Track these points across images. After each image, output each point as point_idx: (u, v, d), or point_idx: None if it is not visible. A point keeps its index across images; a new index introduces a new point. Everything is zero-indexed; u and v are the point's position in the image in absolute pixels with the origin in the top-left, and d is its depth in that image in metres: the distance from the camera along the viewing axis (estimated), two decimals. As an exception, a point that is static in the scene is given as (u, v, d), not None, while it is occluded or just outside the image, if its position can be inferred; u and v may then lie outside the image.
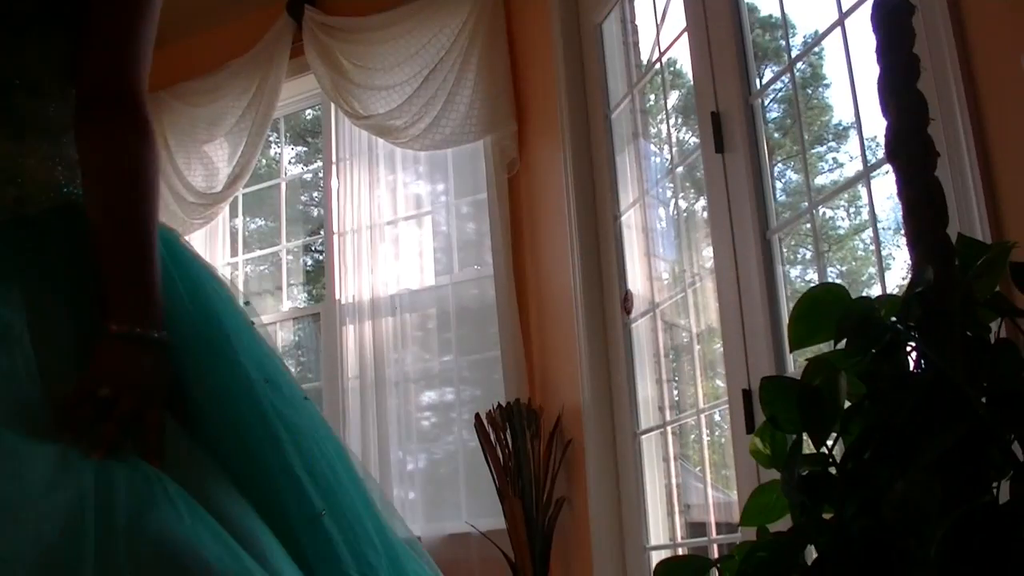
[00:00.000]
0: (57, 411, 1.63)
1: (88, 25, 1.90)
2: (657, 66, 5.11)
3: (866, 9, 1.97)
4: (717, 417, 5.10)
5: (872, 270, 10.64)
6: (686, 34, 4.58)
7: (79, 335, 1.76)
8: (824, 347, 1.92)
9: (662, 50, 5.00)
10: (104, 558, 1.43)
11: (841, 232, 11.66)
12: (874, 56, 1.93)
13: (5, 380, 1.61)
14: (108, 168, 1.84)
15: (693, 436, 5.58)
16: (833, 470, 1.76)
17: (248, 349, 1.90)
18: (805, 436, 1.79)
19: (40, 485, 1.48)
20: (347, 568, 1.72)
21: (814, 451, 1.77)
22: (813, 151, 11.27)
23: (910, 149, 1.83)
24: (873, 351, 1.79)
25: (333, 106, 6.75)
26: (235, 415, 1.81)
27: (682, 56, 4.74)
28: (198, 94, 7.21)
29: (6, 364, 1.62)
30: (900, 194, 1.84)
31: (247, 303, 2.08)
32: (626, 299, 5.06)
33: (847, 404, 1.78)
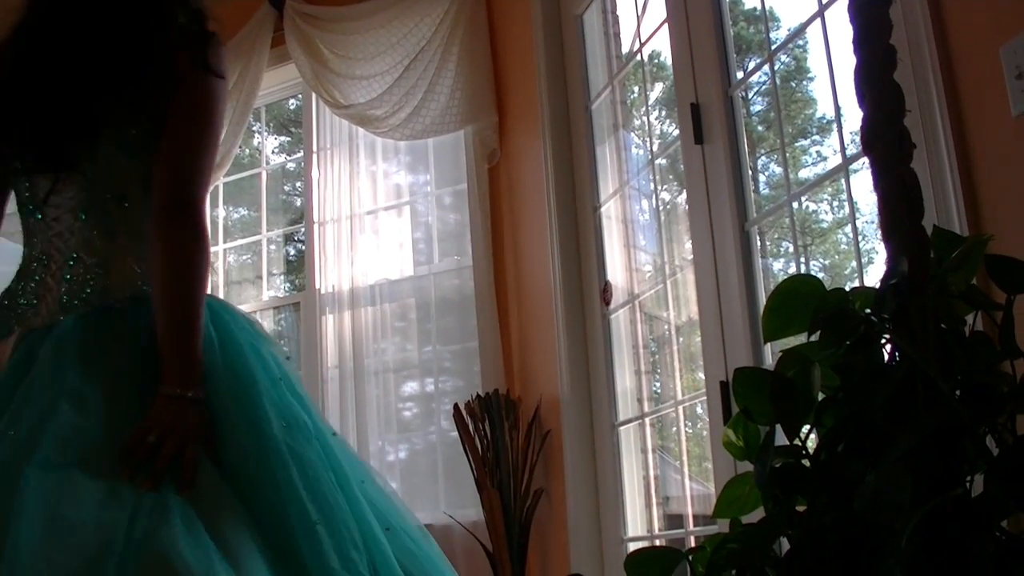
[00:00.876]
0: (119, 454, 2.16)
1: (161, 151, 2.41)
2: (638, 57, 5.10)
3: (845, 1, 1.96)
4: (699, 410, 5.09)
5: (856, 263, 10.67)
6: (666, 25, 4.57)
7: (141, 396, 2.29)
8: (802, 339, 1.92)
9: (642, 41, 4.99)
10: (120, 562, 1.95)
11: (825, 226, 11.67)
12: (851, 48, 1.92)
13: (79, 435, 2.15)
14: (168, 273, 2.34)
15: (675, 428, 5.59)
16: (806, 462, 1.76)
17: (271, 399, 2.38)
18: (779, 428, 1.79)
19: (93, 510, 2.02)
20: (331, 562, 2.16)
21: (787, 443, 1.76)
22: (797, 144, 11.28)
23: (885, 140, 1.83)
24: (847, 343, 1.79)
25: (314, 95, 6.73)
26: (255, 454, 2.29)
27: (665, 48, 4.73)
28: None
29: (81, 423, 2.17)
30: (875, 186, 1.83)
31: (288, 358, 2.63)
32: (605, 290, 5.05)
33: (821, 396, 1.78)
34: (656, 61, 5.62)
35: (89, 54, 2.47)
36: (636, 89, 5.47)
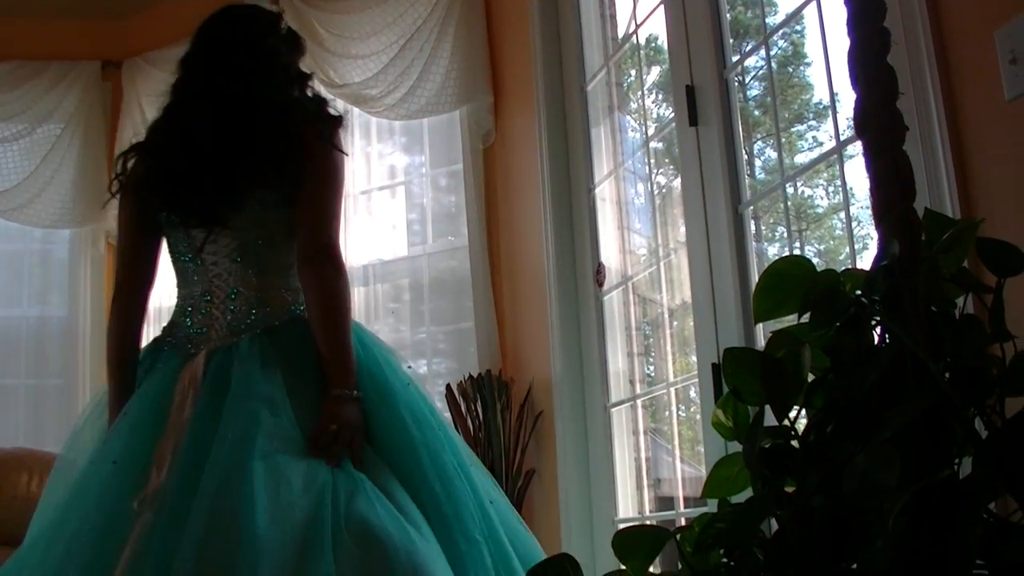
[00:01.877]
0: (308, 442, 2.79)
1: (301, 203, 3.05)
2: (634, 39, 5.09)
3: (840, -16, 1.96)
4: (692, 393, 5.10)
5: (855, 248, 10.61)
6: (662, 6, 4.56)
7: (311, 397, 2.92)
8: (793, 320, 1.91)
9: (638, 23, 4.99)
10: (334, 530, 2.54)
11: (820, 211, 11.65)
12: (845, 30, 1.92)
13: (279, 428, 2.77)
14: (323, 302, 3.01)
15: (667, 412, 5.59)
16: (795, 443, 1.76)
17: (404, 399, 3.03)
18: (768, 409, 1.78)
19: (300, 487, 2.62)
20: (455, 532, 2.80)
21: (776, 424, 1.76)
22: (793, 129, 11.26)
23: (878, 123, 1.83)
24: (837, 325, 1.78)
25: (309, 74, 6.70)
26: (394, 441, 2.95)
27: (662, 31, 4.73)
28: (174, 61, 7.11)
29: (277, 421, 2.78)
30: (868, 168, 1.83)
31: (409, 367, 3.29)
32: (599, 272, 5.05)
33: (811, 377, 1.78)
34: (653, 45, 5.61)
35: (236, 135, 3.08)
36: (633, 73, 5.46)
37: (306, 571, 2.48)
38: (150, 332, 3.30)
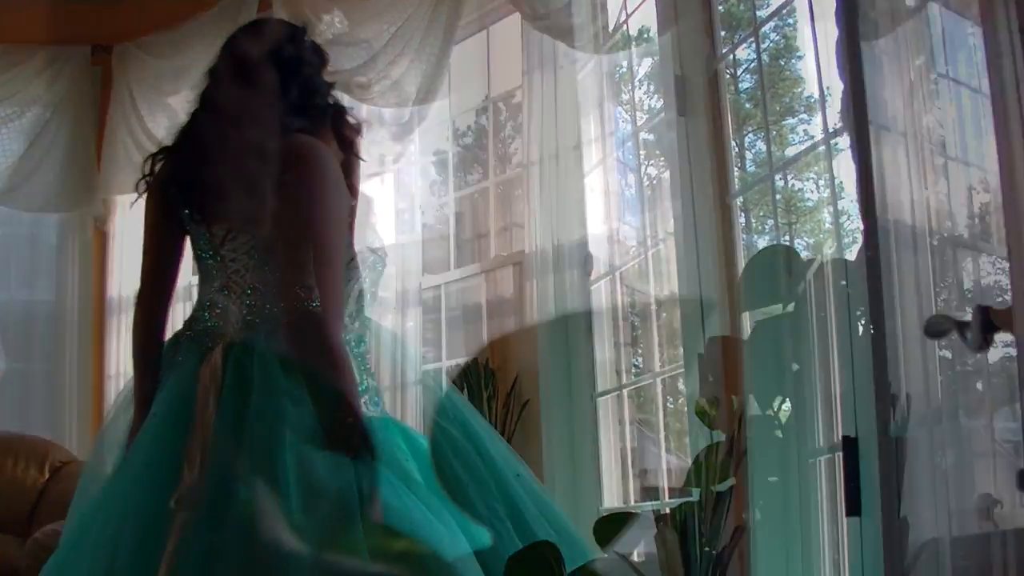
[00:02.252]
0: (325, 434, 2.83)
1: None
2: (625, 30, 5.09)
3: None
4: (680, 385, 5.11)
5: (844, 242, 10.59)
6: (653, -3, 4.56)
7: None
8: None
9: (629, 13, 4.98)
10: (362, 518, 2.64)
11: (810, 204, 11.66)
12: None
13: (300, 421, 2.82)
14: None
15: (655, 403, 5.60)
16: (779, 433, 1.76)
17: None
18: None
19: (328, 477, 2.71)
20: (480, 511, 2.88)
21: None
22: (785, 122, 11.26)
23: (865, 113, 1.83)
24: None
25: (300, 61, 6.68)
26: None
27: (653, 21, 4.72)
28: (164, 46, 7.15)
29: (298, 412, 2.83)
30: (853, 156, 1.84)
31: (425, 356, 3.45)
32: (586, 261, 5.05)
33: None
34: (645, 36, 5.61)
35: (254, 136, 3.09)
36: (624, 64, 5.46)
37: (343, 561, 2.63)
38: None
